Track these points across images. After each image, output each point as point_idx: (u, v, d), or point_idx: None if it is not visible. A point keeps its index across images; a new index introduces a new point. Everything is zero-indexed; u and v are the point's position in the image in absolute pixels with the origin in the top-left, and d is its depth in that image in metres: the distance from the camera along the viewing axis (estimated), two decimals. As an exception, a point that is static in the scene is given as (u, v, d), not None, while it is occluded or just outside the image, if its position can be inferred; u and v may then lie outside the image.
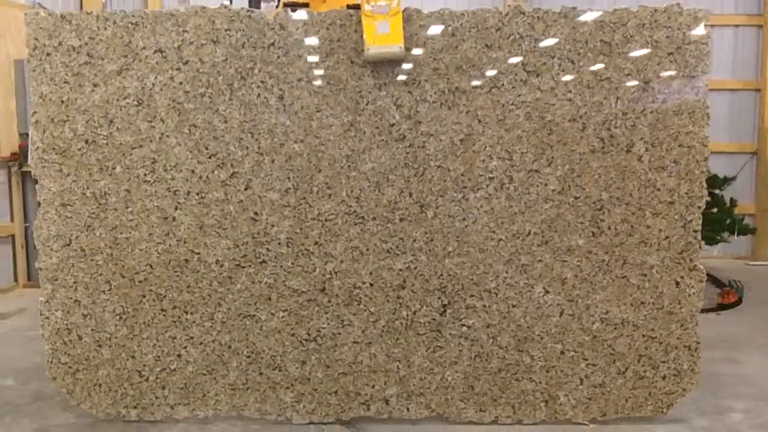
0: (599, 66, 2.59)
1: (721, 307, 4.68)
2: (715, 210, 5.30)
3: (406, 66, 2.60)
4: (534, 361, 2.71)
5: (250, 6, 4.14)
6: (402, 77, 2.61)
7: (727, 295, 4.77)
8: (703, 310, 4.47)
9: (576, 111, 2.60)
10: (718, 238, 5.17)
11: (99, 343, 2.75)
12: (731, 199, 5.37)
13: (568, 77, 2.60)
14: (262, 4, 4.02)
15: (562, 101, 2.60)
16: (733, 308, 4.67)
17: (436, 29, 2.59)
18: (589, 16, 2.58)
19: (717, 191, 5.35)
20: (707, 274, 2.72)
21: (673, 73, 2.59)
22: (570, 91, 2.60)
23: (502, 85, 2.61)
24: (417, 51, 2.60)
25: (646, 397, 2.72)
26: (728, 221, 5.16)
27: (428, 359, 2.72)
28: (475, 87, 2.61)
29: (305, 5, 3.78)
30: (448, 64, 2.60)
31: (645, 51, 2.59)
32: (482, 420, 2.75)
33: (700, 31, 2.58)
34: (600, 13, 2.58)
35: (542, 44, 2.59)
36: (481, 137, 2.62)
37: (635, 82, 2.60)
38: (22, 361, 3.61)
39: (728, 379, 3.30)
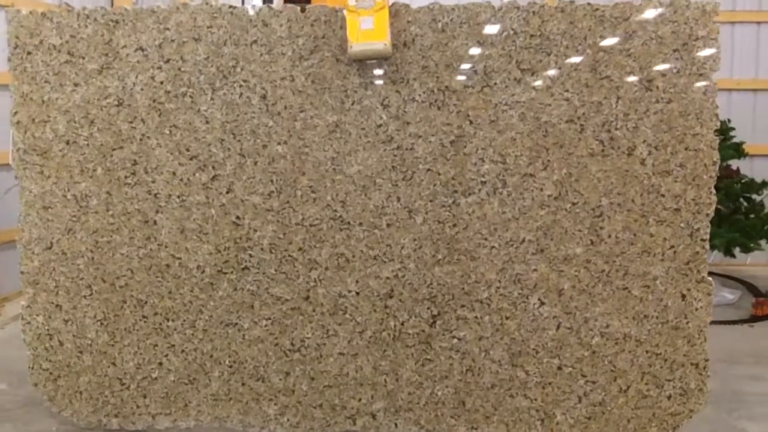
0: (599, 63, 2.44)
1: (755, 318, 4.44)
2: (752, 216, 5.01)
3: (394, 64, 2.48)
4: (529, 377, 2.56)
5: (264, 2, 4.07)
6: (389, 76, 2.49)
7: (761, 306, 4.51)
8: (735, 322, 4.30)
9: (574, 111, 2.45)
10: (753, 245, 4.86)
11: (80, 350, 2.69)
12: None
13: (564, 76, 2.45)
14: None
15: (559, 101, 2.45)
16: (768, 320, 4.42)
17: (425, 25, 2.47)
18: (588, 11, 2.42)
19: (754, 196, 5.07)
20: (743, 282, 2.53)
21: (679, 70, 2.42)
22: (567, 91, 2.45)
23: (495, 84, 2.47)
24: (405, 48, 2.48)
25: (649, 418, 2.55)
26: (766, 228, 4.87)
27: (417, 372, 2.60)
28: (466, 86, 2.48)
29: (307, 1, 3.70)
30: (437, 61, 2.48)
31: (648, 47, 2.42)
32: (474, 437, 2.61)
33: (708, 25, 2.41)
34: (600, 7, 2.43)
35: (538, 41, 2.45)
36: (472, 139, 2.49)
37: (638, 81, 2.43)
38: (20, 363, 3.57)
39: (748, 398, 3.09)
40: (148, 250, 2.62)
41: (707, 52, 2.42)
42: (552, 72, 2.45)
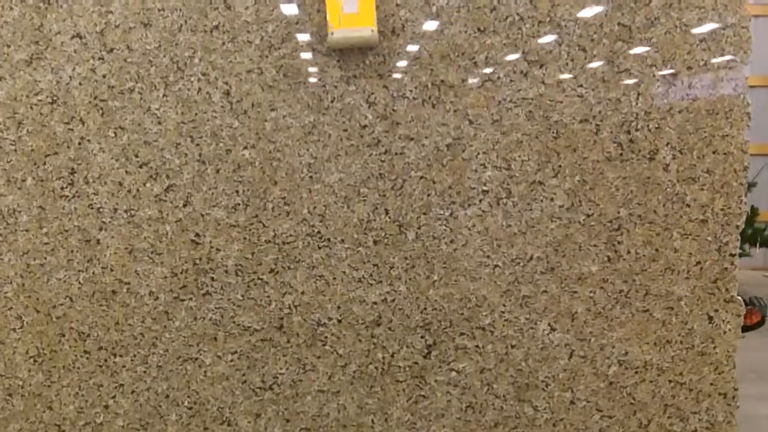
0: (617, 55, 2.15)
1: (743, 328, 4.24)
2: None
3: (381, 54, 2.16)
4: (538, 413, 2.27)
5: None
6: (375, 68, 2.17)
7: (749, 315, 4.32)
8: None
9: (588, 110, 2.16)
10: (740, 251, 4.70)
11: (9, 392, 2.32)
12: (752, 207, 4.91)
13: (578, 69, 2.15)
14: None
15: (572, 98, 2.16)
16: (757, 330, 4.22)
17: (416, 9, 2.14)
18: (604, -7, 2.13)
19: None
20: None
21: (705, 63, 2.15)
22: (581, 86, 2.16)
23: (498, 78, 2.16)
24: (393, 36, 2.15)
25: (672, 456, 2.28)
26: (750, 232, 4.70)
27: (410, 411, 2.28)
28: (464, 80, 2.16)
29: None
30: (431, 52, 2.16)
31: (672, 36, 2.14)
32: (475, 484, 2.31)
33: (739, 12, 2.14)
34: (618, -11, 2.14)
35: (547, 28, 2.14)
36: (472, 142, 2.18)
37: (660, 75, 2.15)
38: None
39: (763, 423, 2.84)
40: (90, 274, 2.25)
41: (737, 41, 2.14)
42: (564, 64, 2.15)
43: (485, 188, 2.19)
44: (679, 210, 2.19)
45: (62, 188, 2.22)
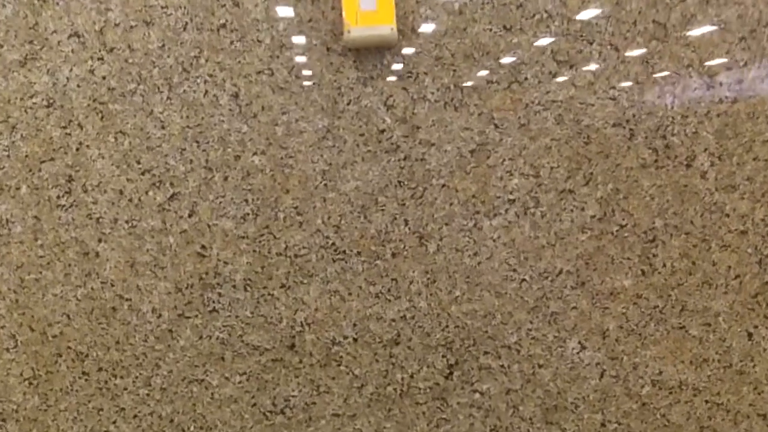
0: (651, 55, 2.02)
1: None
2: None
3: (400, 54, 2.03)
4: (566, 437, 2.14)
5: None
6: (394, 69, 2.03)
7: None
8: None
9: (621, 113, 2.03)
10: None
11: (3, 417, 2.18)
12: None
13: (610, 69, 2.02)
14: None
15: (604, 101, 2.03)
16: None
17: (438, 6, 2.01)
18: (638, -11, 2.01)
19: None
20: None
21: (746, 63, 2.02)
22: (613, 88, 2.03)
23: (526, 79, 2.03)
24: (413, 35, 2.02)
25: (710, 482, 2.16)
26: None
27: (429, 435, 2.14)
28: (489, 82, 2.03)
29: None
30: (454, 51, 2.03)
31: (710, 35, 2.01)
32: None
33: (781, 8, 2.01)
34: (653, -16, 2.02)
35: (578, 26, 2.01)
36: (498, 147, 2.04)
37: (698, 76, 2.02)
38: None
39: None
40: (88, 289, 2.11)
41: (780, 40, 2.02)
42: (595, 65, 2.02)
43: (511, 197, 2.06)
44: (718, 220, 2.07)
45: (59, 197, 2.08)
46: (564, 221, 2.06)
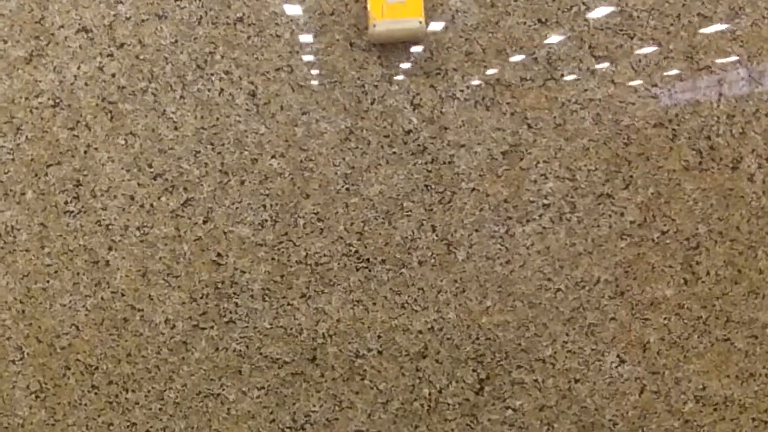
0: (696, 50, 1.93)
1: None
2: None
3: (428, 50, 1.94)
4: (603, 455, 2.05)
5: None
6: (421, 65, 1.95)
7: None
8: None
9: (663, 113, 1.94)
10: None
11: (9, 431, 2.10)
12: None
13: (652, 65, 1.94)
14: None
15: (645, 99, 1.94)
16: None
17: (469, -2, 1.93)
18: (683, -20, 1.91)
19: None
20: None
21: (798, 58, 1.93)
22: (655, 85, 1.94)
23: (562, 76, 1.94)
24: (443, 29, 1.93)
25: (756, 504, 2.07)
26: None
27: (458, 453, 2.06)
28: (523, 79, 1.94)
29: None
30: (485, 46, 1.93)
31: (759, 28, 1.92)
32: None
33: (836, -1, 1.91)
34: (698, -26, 1.92)
35: (617, 19, 1.92)
36: (531, 149, 1.95)
37: (745, 73, 1.93)
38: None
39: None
40: (98, 299, 2.03)
41: (834, 34, 1.92)
42: (636, 60, 1.93)
43: (546, 202, 1.97)
44: (765, 226, 1.98)
45: (66, 203, 2.01)
46: (602, 227, 1.97)
